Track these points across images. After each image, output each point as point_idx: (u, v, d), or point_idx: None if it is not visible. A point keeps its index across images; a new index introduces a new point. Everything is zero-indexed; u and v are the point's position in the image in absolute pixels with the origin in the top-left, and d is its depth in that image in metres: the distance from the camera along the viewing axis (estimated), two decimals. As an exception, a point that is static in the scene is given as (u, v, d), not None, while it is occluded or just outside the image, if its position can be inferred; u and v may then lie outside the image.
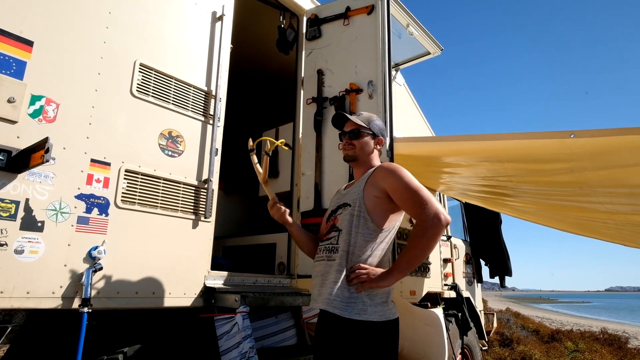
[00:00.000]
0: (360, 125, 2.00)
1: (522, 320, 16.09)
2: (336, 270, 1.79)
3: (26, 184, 1.80)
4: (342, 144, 2.04)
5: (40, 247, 1.80)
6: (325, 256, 1.88)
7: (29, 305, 1.76)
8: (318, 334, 1.86)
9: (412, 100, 5.27)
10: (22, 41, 1.87)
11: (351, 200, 1.89)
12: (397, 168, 1.86)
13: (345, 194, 2.00)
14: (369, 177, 1.92)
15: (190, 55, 2.58)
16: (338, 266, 1.80)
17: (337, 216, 1.93)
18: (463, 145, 2.87)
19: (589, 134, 2.11)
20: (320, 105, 3.22)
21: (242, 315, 2.22)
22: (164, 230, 2.27)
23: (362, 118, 2.03)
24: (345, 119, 2.04)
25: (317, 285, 1.87)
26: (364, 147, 1.99)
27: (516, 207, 4.30)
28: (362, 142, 1.99)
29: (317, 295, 1.85)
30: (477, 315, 5.47)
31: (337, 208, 1.97)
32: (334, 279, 1.78)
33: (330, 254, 1.86)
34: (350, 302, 1.73)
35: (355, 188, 1.94)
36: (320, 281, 1.86)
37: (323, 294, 1.81)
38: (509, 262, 6.10)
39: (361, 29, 3.18)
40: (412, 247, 1.74)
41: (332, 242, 1.87)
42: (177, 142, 2.42)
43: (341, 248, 1.82)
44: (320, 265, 1.89)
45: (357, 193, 1.89)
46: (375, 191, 1.85)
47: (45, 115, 1.90)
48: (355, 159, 2.00)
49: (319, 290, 1.85)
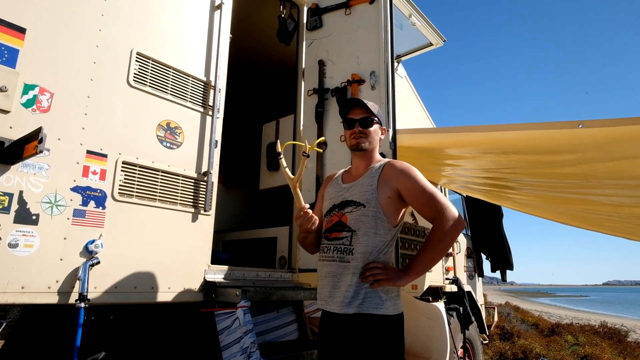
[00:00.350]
0: (372, 113, 1.92)
1: (521, 314, 16.13)
2: (352, 273, 1.75)
3: (20, 175, 1.74)
4: (351, 131, 1.91)
5: (35, 240, 1.75)
6: (336, 257, 1.81)
7: (24, 301, 1.71)
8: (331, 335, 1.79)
9: (414, 92, 5.21)
10: (15, 28, 1.80)
11: (364, 200, 1.81)
12: (409, 168, 1.83)
13: (348, 188, 1.91)
14: (379, 174, 1.85)
15: (188, 44, 2.51)
16: (355, 269, 1.75)
17: (344, 214, 1.83)
18: (467, 137, 2.82)
19: (598, 123, 2.06)
20: (322, 96, 3.16)
21: (243, 309, 2.17)
22: (163, 223, 2.22)
23: (371, 107, 1.94)
24: (359, 104, 1.92)
25: (328, 286, 1.81)
26: (374, 137, 1.93)
27: (518, 200, 4.26)
28: (373, 131, 1.92)
29: (328, 297, 1.80)
30: (478, 309, 5.44)
31: (341, 204, 1.88)
32: (349, 282, 1.74)
33: (343, 255, 1.79)
34: (367, 298, 1.71)
35: (366, 186, 1.84)
36: (331, 282, 1.80)
37: (336, 296, 1.76)
38: (510, 256, 6.08)
39: (363, 19, 3.11)
40: (430, 250, 1.75)
41: (345, 243, 1.80)
42: (176, 133, 2.36)
43: (358, 250, 1.77)
44: (332, 265, 1.81)
45: (370, 192, 1.81)
46: (389, 191, 1.81)
47: (39, 105, 1.84)
48: (365, 149, 1.90)
49: (330, 292, 1.79)
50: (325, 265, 1.85)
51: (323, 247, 1.90)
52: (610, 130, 2.09)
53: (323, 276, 1.86)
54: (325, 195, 2.04)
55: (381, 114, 2.00)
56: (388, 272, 1.72)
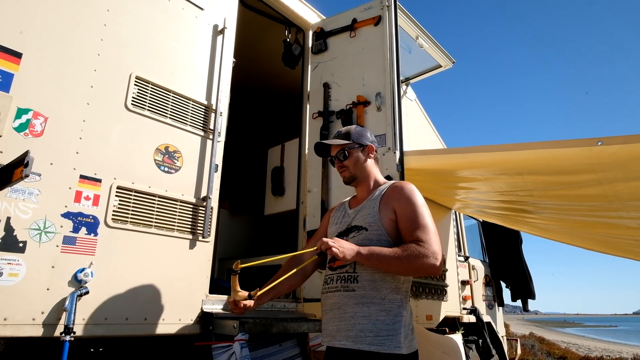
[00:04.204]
0: (342, 144, 1.87)
1: (547, 346, 15.32)
2: (359, 303, 1.61)
3: (8, 201, 1.68)
4: (337, 169, 1.93)
5: (21, 269, 1.67)
6: (340, 286, 1.68)
7: (5, 334, 1.61)
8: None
9: (424, 115, 5.13)
10: (11, 53, 1.79)
11: (367, 224, 1.72)
12: (412, 192, 1.73)
13: (354, 215, 1.81)
14: (382, 196, 1.76)
15: (189, 68, 2.49)
16: (361, 298, 1.62)
17: (348, 240, 1.73)
18: (479, 157, 2.69)
19: (619, 140, 1.91)
20: (327, 119, 3.09)
21: (241, 343, 2.04)
22: (159, 251, 2.12)
23: (341, 136, 1.91)
24: (327, 146, 1.94)
25: (334, 320, 1.67)
26: (357, 164, 1.88)
27: (537, 224, 4.06)
28: (353, 159, 1.87)
29: (336, 330, 1.65)
30: (499, 341, 5.13)
31: (346, 230, 1.79)
32: (361, 313, 1.60)
33: (348, 283, 1.67)
34: (389, 336, 1.55)
35: (368, 209, 1.76)
36: (337, 315, 1.66)
37: (343, 329, 1.62)
38: (531, 283, 5.79)
39: (368, 41, 3.07)
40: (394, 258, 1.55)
41: (349, 271, 1.69)
42: (174, 157, 2.30)
43: (363, 277, 1.65)
44: (335, 297, 1.69)
45: (372, 215, 1.73)
46: (390, 213, 1.71)
47: (32, 129, 1.80)
48: (355, 178, 1.88)
49: (337, 325, 1.65)
50: (329, 297, 1.72)
51: (326, 279, 1.78)
52: (633, 147, 1.94)
53: (327, 309, 1.73)
54: (332, 219, 1.96)
55: (358, 132, 1.90)
56: (342, 246, 1.57)
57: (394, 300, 1.63)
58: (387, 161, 2.65)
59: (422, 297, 3.76)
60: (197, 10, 2.59)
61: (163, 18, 2.41)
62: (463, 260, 4.95)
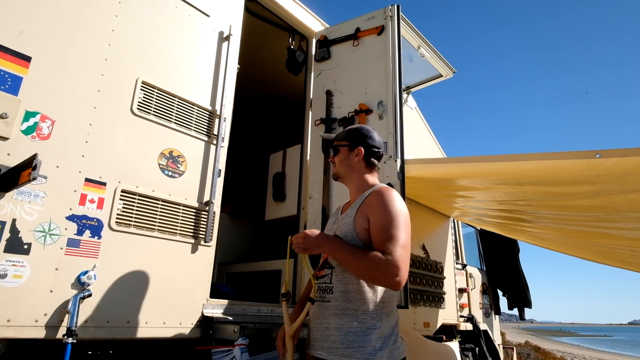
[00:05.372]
0: (338, 139, 1.90)
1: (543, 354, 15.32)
2: (333, 314, 1.61)
3: (14, 203, 1.70)
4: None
5: (25, 271, 1.69)
6: (319, 296, 1.69)
7: (8, 335, 1.62)
8: None
9: (425, 124, 5.17)
10: (20, 56, 1.81)
11: (342, 234, 1.69)
12: (388, 199, 1.61)
13: (340, 220, 1.80)
14: (360, 205, 1.71)
15: (195, 74, 2.52)
16: (335, 309, 1.61)
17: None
18: (479, 167, 2.72)
19: (617, 153, 1.95)
20: (329, 126, 3.12)
21: (241, 348, 2.05)
22: (161, 254, 2.14)
23: (341, 133, 1.92)
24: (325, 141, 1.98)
25: (313, 329, 1.69)
26: (342, 162, 1.86)
27: (534, 233, 4.10)
28: (340, 156, 1.87)
29: (314, 340, 1.67)
30: (496, 349, 5.15)
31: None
32: (334, 325, 1.60)
33: (325, 294, 1.67)
34: (359, 347, 1.53)
35: (347, 218, 1.73)
36: (315, 324, 1.68)
37: (318, 339, 1.63)
38: (528, 292, 5.82)
39: (371, 50, 3.11)
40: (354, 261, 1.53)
41: (326, 281, 1.69)
42: (178, 162, 2.32)
43: (337, 288, 1.64)
44: (315, 307, 1.70)
45: (348, 225, 1.69)
46: (364, 222, 1.64)
47: (39, 132, 1.82)
48: (339, 176, 1.89)
49: (314, 335, 1.67)
50: (312, 307, 1.72)
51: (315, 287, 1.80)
52: (631, 160, 1.98)
53: (310, 318, 1.75)
54: (327, 224, 1.98)
55: (355, 132, 1.88)
56: (307, 243, 1.61)
57: (367, 312, 1.59)
58: (388, 169, 2.68)
59: (420, 304, 3.78)
60: (204, 17, 2.63)
61: (170, 24, 2.44)
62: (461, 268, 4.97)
